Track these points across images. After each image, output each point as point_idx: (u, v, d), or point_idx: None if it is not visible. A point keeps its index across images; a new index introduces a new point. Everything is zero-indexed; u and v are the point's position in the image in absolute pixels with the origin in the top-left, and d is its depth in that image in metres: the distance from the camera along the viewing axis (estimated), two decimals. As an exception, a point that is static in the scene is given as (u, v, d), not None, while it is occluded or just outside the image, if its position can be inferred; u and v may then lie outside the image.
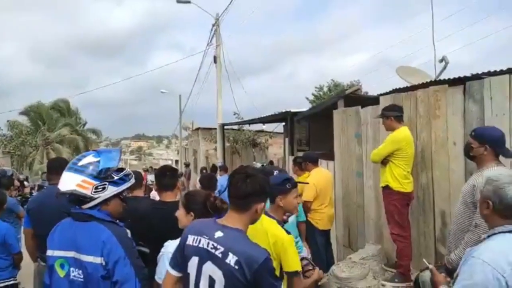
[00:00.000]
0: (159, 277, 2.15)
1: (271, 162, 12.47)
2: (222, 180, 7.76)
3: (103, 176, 1.86)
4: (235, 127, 16.36)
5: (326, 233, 4.80)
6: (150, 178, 11.30)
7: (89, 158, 1.89)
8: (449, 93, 3.67)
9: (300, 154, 8.05)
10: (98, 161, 1.87)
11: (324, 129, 8.09)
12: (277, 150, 19.28)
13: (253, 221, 1.76)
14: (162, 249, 2.23)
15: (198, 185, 7.43)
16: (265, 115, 11.18)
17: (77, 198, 1.86)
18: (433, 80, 5.05)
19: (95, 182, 1.84)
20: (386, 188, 3.70)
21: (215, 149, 16.47)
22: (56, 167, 3.13)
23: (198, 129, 22.26)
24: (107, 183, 1.88)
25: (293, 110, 8.95)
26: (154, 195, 4.18)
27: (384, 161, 3.72)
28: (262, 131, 18.83)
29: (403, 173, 3.60)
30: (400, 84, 5.71)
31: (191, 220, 2.11)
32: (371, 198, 4.71)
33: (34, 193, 10.80)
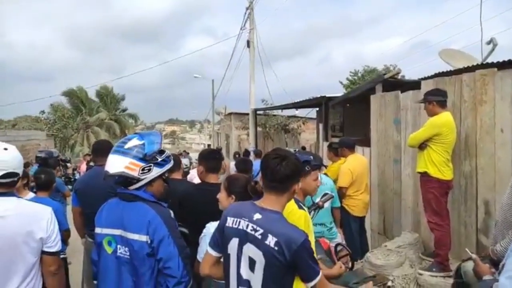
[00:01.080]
0: (201, 256, 2.23)
1: (303, 148, 12.41)
2: (256, 164, 7.82)
3: (148, 158, 1.93)
4: (266, 112, 16.34)
5: (360, 220, 4.76)
6: (185, 162, 11.55)
7: (134, 141, 1.94)
8: (497, 77, 3.47)
9: (335, 140, 7.95)
10: (143, 144, 1.93)
11: (359, 114, 7.92)
12: (309, 135, 19.14)
13: (289, 201, 1.78)
14: (204, 230, 2.30)
15: (231, 169, 7.54)
16: (298, 100, 11.06)
17: (124, 180, 1.93)
18: (479, 63, 4.78)
19: (142, 164, 1.91)
20: (424, 174, 3.59)
21: (247, 134, 16.57)
22: (101, 150, 3.29)
23: (230, 114, 22.42)
24: (152, 164, 1.95)
25: (328, 95, 8.79)
26: (191, 178, 4.28)
27: (422, 146, 3.60)
28: (294, 116, 18.72)
29: (442, 160, 3.47)
30: (441, 68, 5.46)
31: (232, 202, 2.15)
32: (409, 186, 4.59)
33: (76, 173, 11.39)
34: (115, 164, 1.91)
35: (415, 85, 4.92)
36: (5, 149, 1.90)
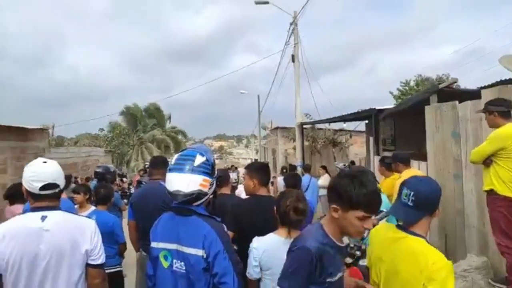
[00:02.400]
0: (249, 272, 2.21)
1: (353, 162, 12.07)
2: (304, 180, 7.70)
3: (212, 172, 1.97)
4: (312, 126, 16.13)
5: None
6: (233, 176, 11.68)
7: (200, 158, 1.95)
8: None
9: (386, 154, 7.63)
10: (207, 160, 1.96)
11: (412, 127, 7.56)
12: (358, 149, 18.59)
13: None
14: (251, 244, 2.27)
15: (279, 184, 7.47)
16: (346, 113, 10.82)
17: (196, 197, 1.91)
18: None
19: (211, 179, 1.96)
20: (491, 192, 3.32)
21: (294, 148, 16.44)
22: (158, 164, 3.42)
23: (276, 128, 22.45)
24: (214, 179, 1.99)
25: (377, 107, 8.50)
26: (239, 193, 4.30)
27: (487, 162, 3.33)
28: (342, 130, 18.31)
29: (510, 175, 3.18)
30: (500, 77, 5.08)
31: None
32: (472, 203, 4.25)
33: (132, 188, 11.93)
34: (190, 182, 1.88)
35: (473, 94, 4.61)
36: (44, 162, 1.97)
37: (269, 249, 2.18)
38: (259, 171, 2.89)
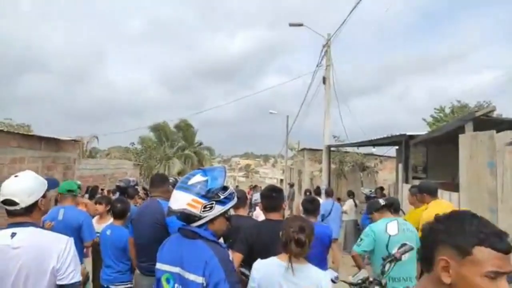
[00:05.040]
0: None
1: (381, 188, 11.60)
2: (326, 204, 7.46)
3: (210, 195, 1.87)
4: (339, 149, 15.83)
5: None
6: (256, 196, 11.52)
7: (198, 177, 1.90)
8: None
9: (416, 182, 7.27)
10: (206, 181, 1.88)
11: (446, 155, 7.20)
12: (387, 175, 17.99)
13: None
14: (253, 264, 2.26)
15: (301, 207, 7.26)
16: (375, 138, 10.52)
17: (186, 217, 1.88)
18: None
19: (204, 202, 1.85)
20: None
21: (320, 171, 16.13)
22: (156, 181, 3.38)
23: (303, 149, 22.22)
24: (214, 202, 1.88)
25: (409, 133, 8.19)
26: (257, 215, 4.17)
27: None
28: (371, 154, 17.83)
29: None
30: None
31: None
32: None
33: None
34: (179, 200, 1.87)
35: (513, 124, 4.32)
36: (16, 176, 1.94)
37: (268, 272, 2.17)
38: (264, 196, 2.90)
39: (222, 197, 1.91)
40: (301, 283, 2.11)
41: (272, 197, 2.85)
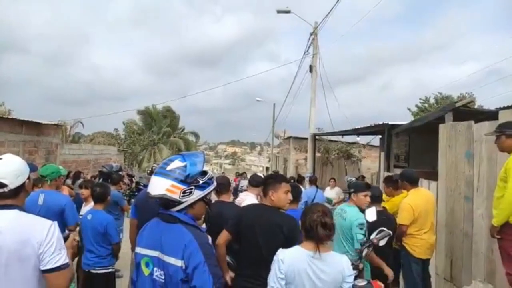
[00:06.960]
0: (271, 285, 2.18)
1: (363, 177, 11.80)
2: (309, 192, 7.55)
3: (189, 180, 1.87)
4: (325, 137, 15.96)
5: (424, 263, 4.26)
6: (243, 183, 11.54)
7: (176, 163, 1.90)
8: None
9: (397, 170, 7.42)
10: (185, 166, 1.88)
11: (427, 144, 7.34)
12: (371, 164, 18.28)
13: None
14: (276, 256, 2.23)
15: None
16: (359, 127, 10.64)
17: (166, 202, 1.89)
18: None
19: (183, 187, 1.86)
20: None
21: (305, 159, 16.28)
22: None
23: (289, 138, 22.33)
24: (193, 187, 1.89)
25: (391, 122, 8.32)
26: (240, 201, 4.20)
27: None
28: (355, 143, 18.05)
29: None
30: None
31: None
32: (482, 228, 4.05)
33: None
34: (157, 186, 1.88)
35: (491, 115, 4.43)
36: (0, 158, 1.89)
37: (295, 262, 2.14)
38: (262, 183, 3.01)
39: (201, 182, 1.92)
40: (327, 270, 2.11)
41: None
